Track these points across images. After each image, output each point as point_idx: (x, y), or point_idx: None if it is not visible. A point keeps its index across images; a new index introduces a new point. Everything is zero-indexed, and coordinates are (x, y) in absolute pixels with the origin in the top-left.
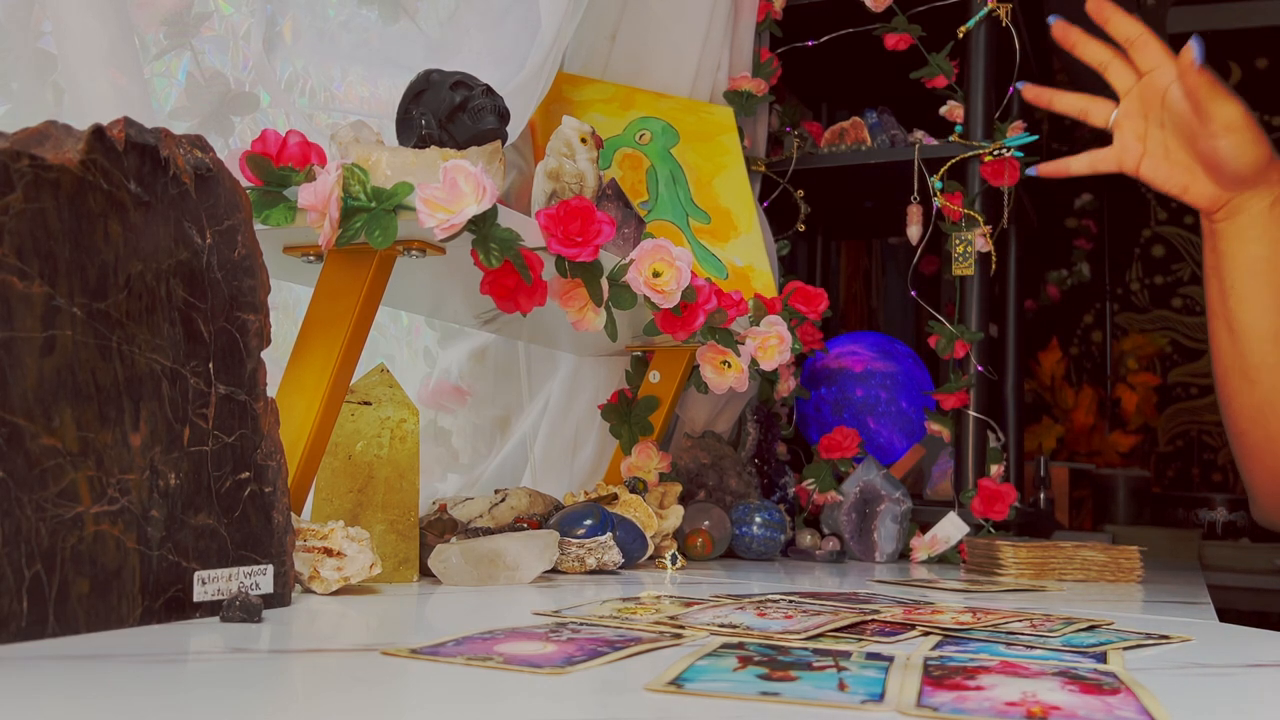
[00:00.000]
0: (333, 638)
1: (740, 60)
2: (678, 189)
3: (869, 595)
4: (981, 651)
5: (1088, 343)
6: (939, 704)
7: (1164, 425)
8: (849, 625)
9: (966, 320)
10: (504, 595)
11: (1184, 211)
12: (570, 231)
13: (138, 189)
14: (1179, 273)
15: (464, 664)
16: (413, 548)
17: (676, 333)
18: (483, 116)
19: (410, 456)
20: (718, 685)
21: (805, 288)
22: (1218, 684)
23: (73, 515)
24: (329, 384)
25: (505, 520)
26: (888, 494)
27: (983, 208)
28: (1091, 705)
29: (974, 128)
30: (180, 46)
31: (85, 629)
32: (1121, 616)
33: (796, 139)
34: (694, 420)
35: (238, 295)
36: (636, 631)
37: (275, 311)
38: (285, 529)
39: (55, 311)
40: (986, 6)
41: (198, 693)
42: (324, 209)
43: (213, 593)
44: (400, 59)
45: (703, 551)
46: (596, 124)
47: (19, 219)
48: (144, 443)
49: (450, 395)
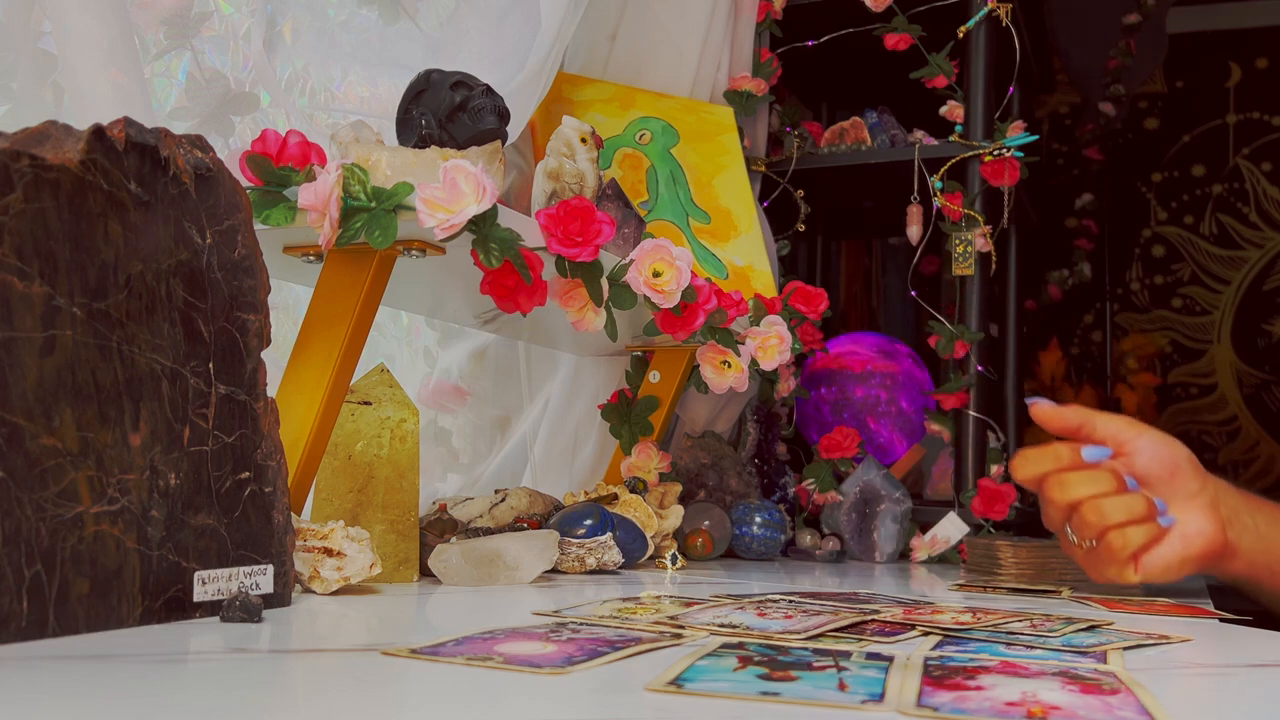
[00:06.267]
0: (333, 638)
1: (740, 60)
2: (678, 189)
3: (870, 595)
4: (981, 651)
5: (1088, 343)
6: (939, 704)
7: (1164, 425)
8: (849, 625)
9: (966, 320)
10: (504, 595)
11: (1184, 211)
12: (570, 231)
13: (138, 189)
14: (1179, 273)
15: (464, 664)
16: (413, 548)
17: (676, 333)
18: (483, 116)
19: (410, 456)
20: (718, 685)
21: (805, 288)
22: (1218, 684)
23: (73, 515)
24: (329, 384)
25: (505, 520)
26: (888, 494)
27: (983, 208)
28: (1091, 705)
29: (974, 128)
30: (180, 46)
31: (85, 629)
32: (1121, 616)
33: (796, 139)
34: (694, 420)
35: (238, 295)
36: (636, 631)
37: (275, 311)
38: (285, 529)
39: (55, 311)
40: (986, 6)
41: (198, 693)
42: (324, 209)
43: (213, 593)
44: (400, 59)
45: (703, 551)
46: (596, 124)
47: (19, 219)
48: (144, 443)
49: (450, 395)
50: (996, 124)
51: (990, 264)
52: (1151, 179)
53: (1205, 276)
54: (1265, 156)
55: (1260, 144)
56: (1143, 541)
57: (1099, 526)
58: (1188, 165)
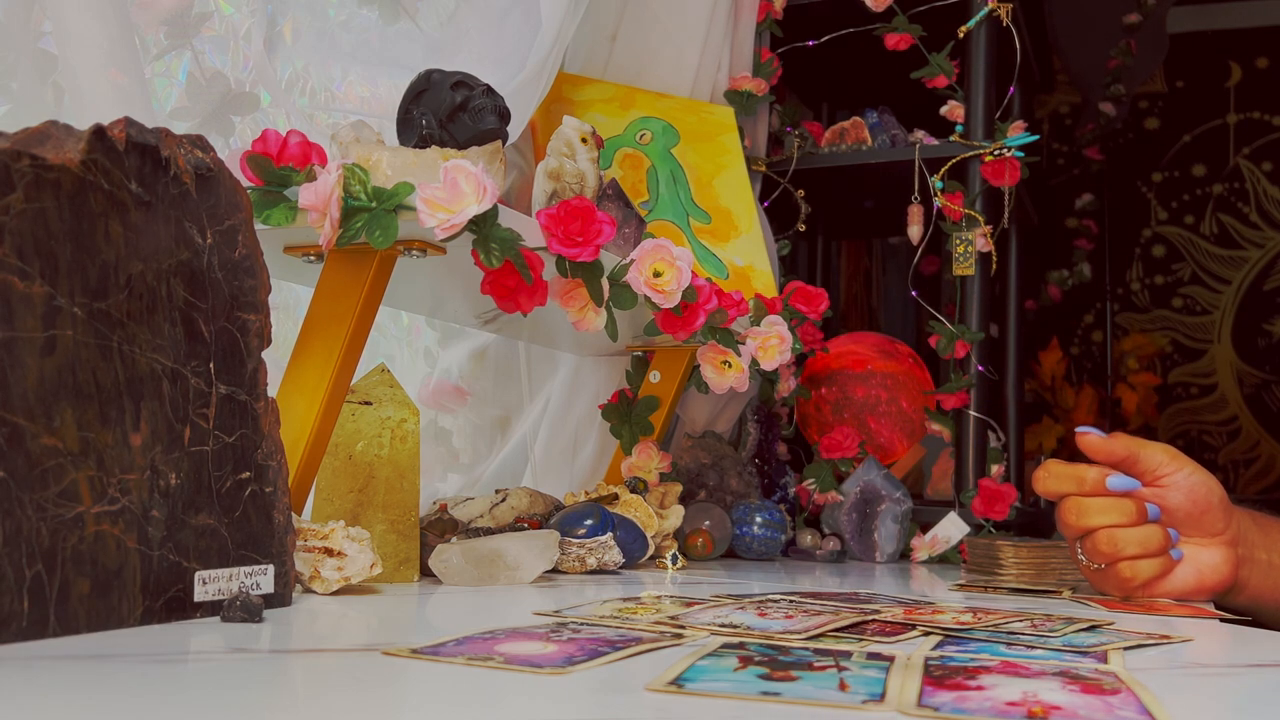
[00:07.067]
0: (333, 638)
1: (740, 60)
2: (678, 189)
3: (870, 595)
4: (982, 651)
5: (1088, 343)
6: (939, 704)
7: (1164, 425)
8: (849, 625)
9: (967, 320)
10: (504, 595)
11: (1184, 211)
12: (571, 231)
13: (138, 189)
14: (1179, 273)
15: (465, 664)
16: (413, 548)
17: (677, 333)
18: (483, 116)
19: (411, 456)
20: (718, 685)
21: (806, 288)
22: (1218, 684)
23: (73, 515)
24: (329, 384)
25: (505, 520)
26: (888, 494)
27: (983, 208)
28: (1092, 705)
29: (974, 128)
30: (180, 46)
31: (86, 629)
32: (1122, 616)
33: (797, 139)
34: (694, 420)
35: (238, 295)
36: (637, 631)
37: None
38: (286, 529)
39: (56, 311)
40: (987, 6)
41: (198, 693)
42: (324, 209)
43: (213, 593)
44: (400, 59)
45: (703, 551)
46: (597, 124)
47: (19, 219)
48: (144, 443)
49: (450, 395)
50: (997, 124)
51: (990, 264)
52: (1152, 179)
53: (1205, 276)
54: (1265, 156)
55: (1260, 144)
56: (1153, 575)
57: (1112, 556)
58: (1188, 165)
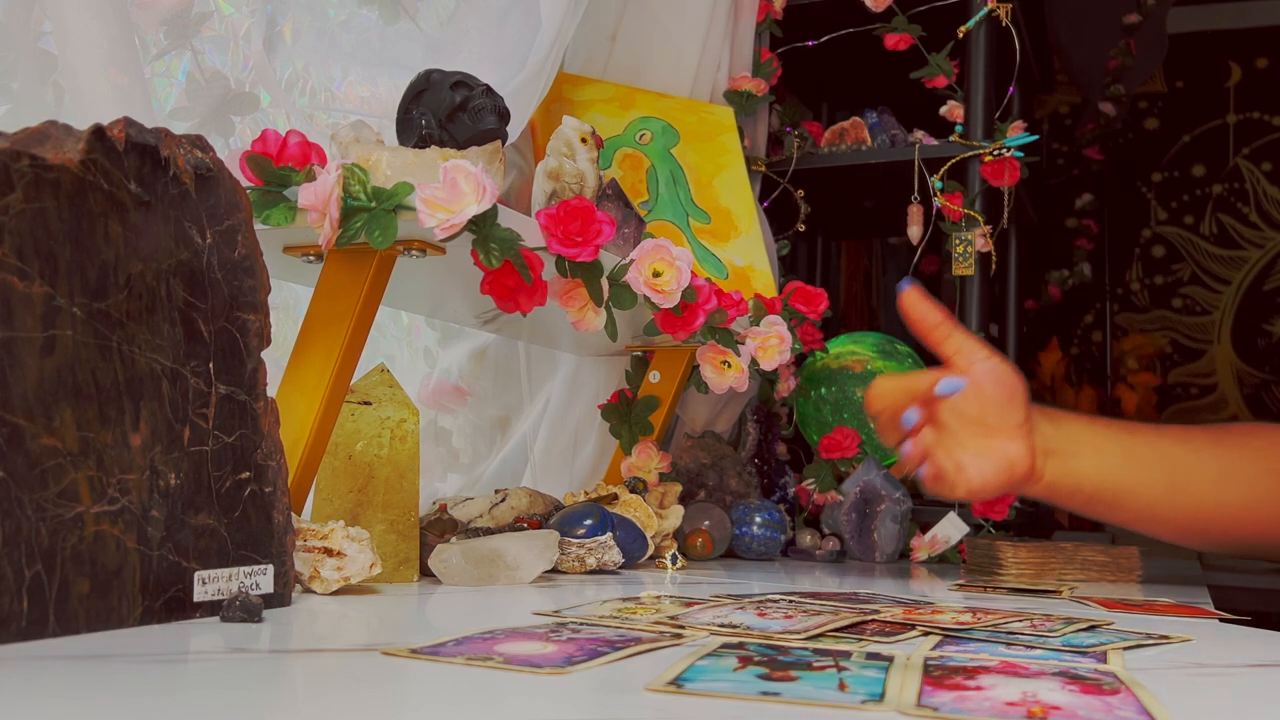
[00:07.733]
0: (333, 638)
1: (740, 60)
2: (678, 189)
3: (869, 595)
4: (981, 651)
5: (1088, 343)
6: (939, 704)
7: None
8: (849, 625)
9: (966, 320)
10: (504, 595)
11: (1184, 211)
12: (570, 231)
13: (138, 189)
14: (1179, 273)
15: (464, 664)
16: (413, 548)
17: (676, 333)
18: (483, 116)
19: (410, 456)
20: (718, 685)
21: (805, 288)
22: (1218, 684)
23: (73, 515)
24: (329, 384)
25: (505, 520)
26: (888, 494)
27: (983, 208)
28: (1092, 705)
29: (974, 128)
30: (180, 46)
31: (85, 629)
32: (1121, 616)
33: (796, 139)
34: (694, 420)
35: (238, 295)
36: (637, 631)
37: (275, 311)
38: (285, 529)
39: (55, 311)
40: (986, 6)
41: (198, 693)
42: (324, 209)
43: (213, 593)
44: (400, 59)
45: (703, 551)
46: (597, 124)
47: (19, 219)
48: (144, 443)
49: (450, 395)
50: (996, 124)
51: (990, 264)
52: (1151, 179)
53: (1205, 276)
54: (1265, 156)
55: (1260, 144)
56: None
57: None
58: (1188, 165)
